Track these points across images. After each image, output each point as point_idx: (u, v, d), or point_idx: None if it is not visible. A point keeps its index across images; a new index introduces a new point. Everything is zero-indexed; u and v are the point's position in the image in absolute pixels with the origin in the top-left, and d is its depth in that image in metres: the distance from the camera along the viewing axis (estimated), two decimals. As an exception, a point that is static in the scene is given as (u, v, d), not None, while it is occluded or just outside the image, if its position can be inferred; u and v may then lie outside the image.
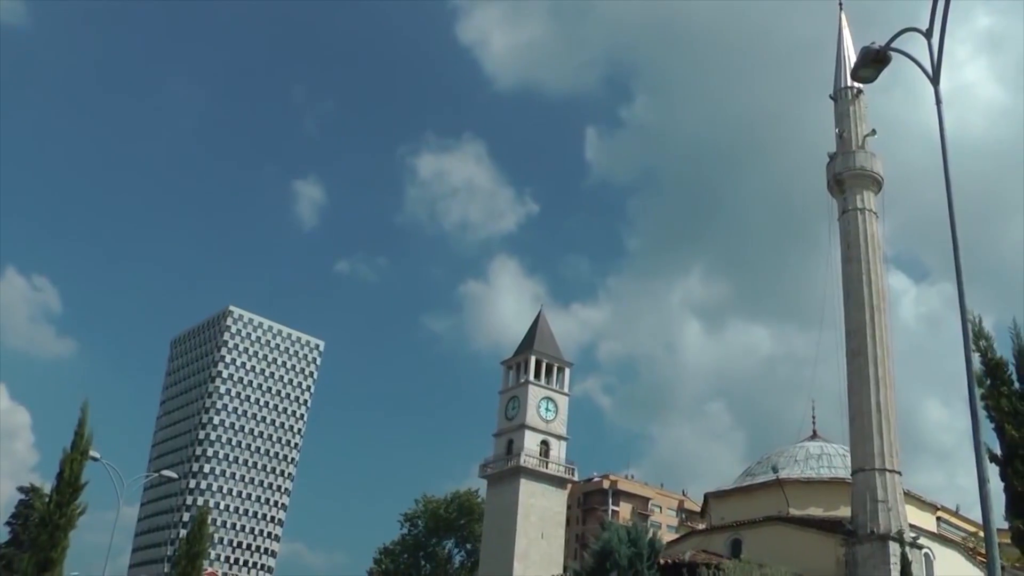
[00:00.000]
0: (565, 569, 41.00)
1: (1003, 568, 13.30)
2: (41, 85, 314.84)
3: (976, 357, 12.24)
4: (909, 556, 35.83)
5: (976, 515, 44.78)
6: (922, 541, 39.99)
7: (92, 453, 27.32)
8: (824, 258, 46.60)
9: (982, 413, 12.31)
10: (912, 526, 40.08)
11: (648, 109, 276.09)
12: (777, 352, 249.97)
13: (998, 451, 12.16)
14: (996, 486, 13.29)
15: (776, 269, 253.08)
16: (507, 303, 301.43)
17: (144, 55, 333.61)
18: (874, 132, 45.87)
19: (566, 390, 79.17)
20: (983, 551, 35.71)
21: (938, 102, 16.43)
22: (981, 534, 35.51)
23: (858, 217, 43.98)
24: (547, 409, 76.21)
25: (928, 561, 39.97)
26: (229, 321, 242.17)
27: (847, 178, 44.71)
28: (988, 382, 12.16)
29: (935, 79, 16.34)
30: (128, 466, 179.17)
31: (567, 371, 79.96)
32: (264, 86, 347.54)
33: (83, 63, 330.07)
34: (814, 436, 52.13)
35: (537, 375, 76.83)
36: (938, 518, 49.11)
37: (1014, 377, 12.21)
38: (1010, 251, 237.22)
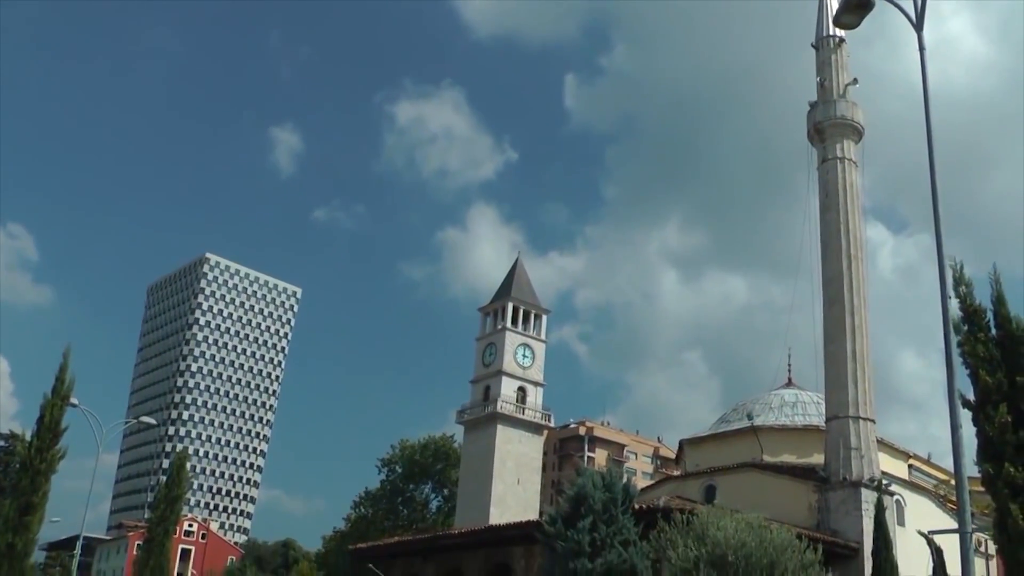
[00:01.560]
0: (541, 514, 41.44)
1: (973, 515, 13.50)
2: (13, 33, 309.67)
3: (955, 303, 12.32)
4: (882, 502, 36.35)
5: (948, 464, 45.41)
6: (894, 488, 40.48)
7: (71, 400, 27.22)
8: (802, 208, 46.67)
9: (957, 360, 12.42)
10: (884, 473, 40.55)
11: (628, 58, 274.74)
12: (753, 302, 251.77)
13: (972, 398, 12.29)
14: (968, 433, 13.45)
15: (754, 219, 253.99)
16: (485, 250, 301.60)
17: (119, 1, 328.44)
18: (856, 81, 45.63)
19: (543, 337, 79.40)
20: (954, 499, 36.26)
21: (921, 49, 16.34)
22: (952, 482, 36.03)
23: (838, 166, 43.93)
24: (524, 356, 76.48)
25: (899, 508, 40.52)
26: (206, 268, 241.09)
27: (827, 127, 44.57)
28: (966, 328, 12.24)
29: (918, 26, 16.25)
30: (107, 413, 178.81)
31: (544, 318, 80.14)
32: (240, 32, 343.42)
33: (57, 10, 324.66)
34: (789, 384, 52.48)
35: (514, 322, 76.97)
36: (910, 466, 49.70)
37: (991, 324, 12.29)
38: (989, 204, 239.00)
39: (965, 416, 12.77)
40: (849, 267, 42.15)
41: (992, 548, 37.27)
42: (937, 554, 30.41)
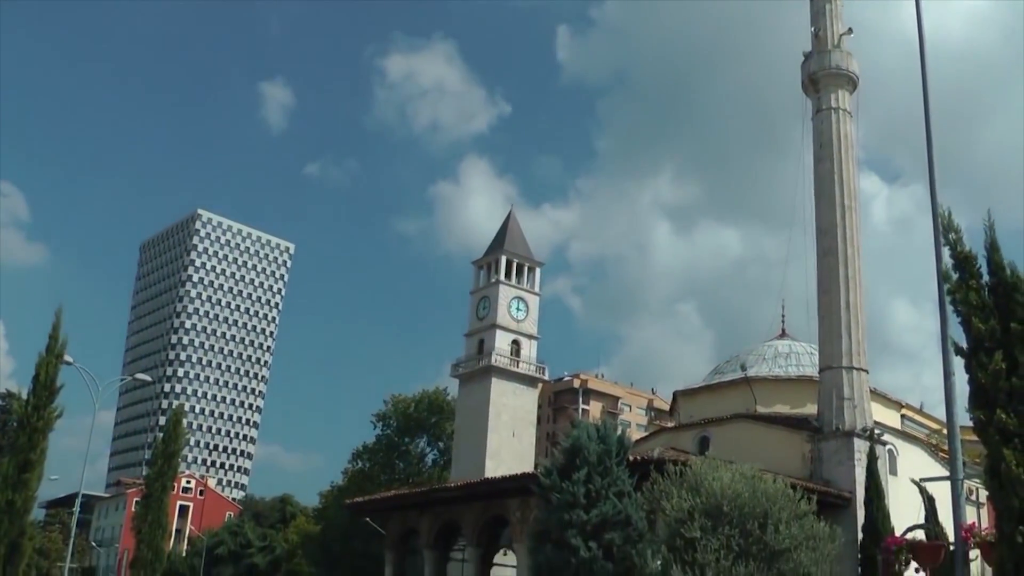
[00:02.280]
0: (536, 466, 41.76)
1: (964, 463, 13.61)
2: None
3: (945, 251, 12.28)
4: (874, 452, 36.64)
5: (940, 413, 45.68)
6: (886, 438, 40.75)
7: (66, 358, 27.21)
8: (796, 159, 46.54)
9: (949, 307, 12.42)
10: (877, 423, 40.80)
11: (620, 9, 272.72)
12: (747, 254, 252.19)
13: (965, 345, 12.30)
14: (960, 381, 13.49)
15: (747, 171, 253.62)
16: (478, 204, 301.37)
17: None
18: (850, 31, 45.31)
19: (537, 290, 79.33)
20: (946, 448, 36.48)
21: (916, -3, 16.20)
22: (944, 431, 36.26)
23: (832, 116, 43.74)
24: (518, 309, 76.46)
25: (892, 457, 40.82)
26: (198, 224, 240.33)
27: (822, 77, 44.32)
28: (956, 276, 12.21)
29: (914, -27, 16.10)
30: (102, 371, 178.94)
31: (537, 271, 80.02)
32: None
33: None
34: (783, 335, 52.54)
35: (508, 275, 76.85)
36: (902, 415, 49.97)
37: (984, 271, 12.26)
38: (984, 156, 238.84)
39: (958, 364, 12.81)
40: (843, 217, 42.12)
41: (983, 496, 37.68)
42: (929, 502, 30.69)
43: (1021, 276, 12.17)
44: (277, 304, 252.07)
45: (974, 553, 14.71)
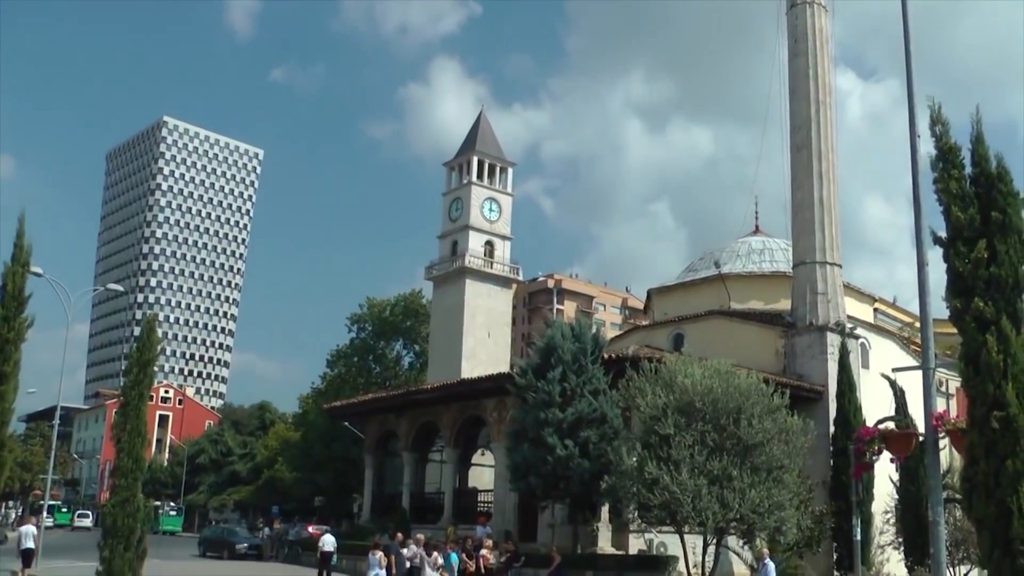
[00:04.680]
0: (512, 367, 42.08)
1: (936, 355, 13.68)
2: None
3: (931, 143, 12.17)
4: (847, 346, 37.01)
5: (913, 307, 46.16)
6: (859, 332, 41.14)
7: (35, 269, 26.82)
8: (770, 56, 45.96)
9: (930, 197, 12.38)
10: (850, 317, 41.16)
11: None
12: (720, 152, 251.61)
13: (943, 235, 12.27)
14: (933, 275, 13.51)
15: (720, 68, 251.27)
16: (449, 105, 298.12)
17: None
18: (824, -81, 44.45)
19: (509, 190, 78.93)
20: (917, 341, 36.87)
21: None
22: (917, 324, 36.62)
23: (807, 10, 43.10)
24: (490, 209, 76.16)
25: (864, 351, 41.26)
26: (164, 132, 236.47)
27: (796, -32, 43.64)
28: (940, 166, 12.11)
29: None
30: (74, 284, 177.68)
31: (509, 171, 79.48)
32: None
33: None
34: (756, 231, 52.56)
35: (480, 176, 76.33)
36: (875, 309, 50.43)
37: (967, 162, 12.17)
38: (958, 52, 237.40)
39: (933, 256, 12.82)
40: (817, 112, 41.83)
41: (952, 387, 38.31)
42: (900, 394, 31.15)
43: (1005, 167, 12.09)
44: (248, 211, 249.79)
45: (943, 441, 14.90)
